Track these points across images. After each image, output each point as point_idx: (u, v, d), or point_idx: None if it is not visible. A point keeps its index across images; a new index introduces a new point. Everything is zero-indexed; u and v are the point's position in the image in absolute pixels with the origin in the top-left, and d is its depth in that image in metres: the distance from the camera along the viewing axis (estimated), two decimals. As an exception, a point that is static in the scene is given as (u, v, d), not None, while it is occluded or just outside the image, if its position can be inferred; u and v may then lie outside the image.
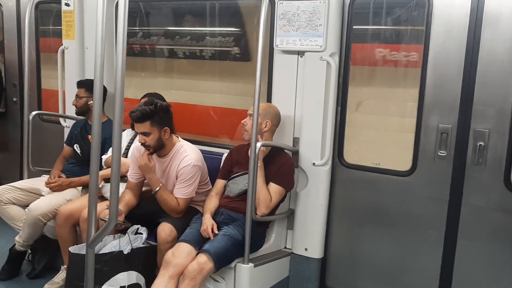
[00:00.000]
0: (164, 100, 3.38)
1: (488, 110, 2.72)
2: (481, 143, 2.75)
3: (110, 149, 3.16)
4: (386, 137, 3.14)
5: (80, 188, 3.56)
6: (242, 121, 3.07)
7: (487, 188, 2.78)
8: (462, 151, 2.81)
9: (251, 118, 2.88)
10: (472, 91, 2.74)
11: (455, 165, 2.84)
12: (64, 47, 4.09)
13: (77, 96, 3.72)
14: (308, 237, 3.22)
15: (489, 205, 2.78)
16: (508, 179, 2.72)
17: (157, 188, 2.97)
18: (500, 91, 2.68)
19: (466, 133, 2.79)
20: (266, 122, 3.04)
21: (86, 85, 3.71)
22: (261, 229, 3.08)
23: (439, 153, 2.87)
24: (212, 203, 3.06)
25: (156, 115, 2.91)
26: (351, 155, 3.18)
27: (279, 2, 3.09)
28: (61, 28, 4.09)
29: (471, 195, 2.82)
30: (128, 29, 2.06)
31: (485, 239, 2.82)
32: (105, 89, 3.48)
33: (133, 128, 3.56)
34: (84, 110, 3.74)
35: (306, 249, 3.24)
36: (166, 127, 2.97)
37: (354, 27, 3.04)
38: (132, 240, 2.91)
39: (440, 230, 2.93)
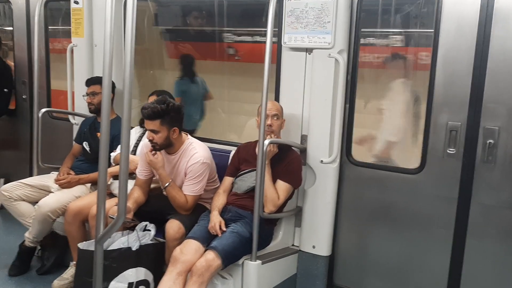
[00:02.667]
0: (173, 98, 3.39)
1: (498, 107, 2.70)
2: (490, 141, 2.73)
3: (119, 146, 3.18)
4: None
5: (89, 185, 3.58)
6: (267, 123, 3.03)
7: (496, 186, 2.76)
8: (471, 149, 2.79)
9: (274, 118, 2.97)
10: (482, 89, 2.71)
11: (464, 163, 2.82)
12: (73, 44, 4.11)
13: (92, 93, 3.69)
14: (316, 234, 3.22)
15: (499, 204, 2.76)
16: (518, 177, 2.70)
17: (166, 184, 2.98)
18: (510, 88, 2.66)
19: (476, 131, 2.76)
20: (283, 120, 3.08)
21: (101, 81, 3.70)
22: (268, 226, 3.08)
23: (448, 151, 2.85)
24: (219, 200, 3.06)
25: (167, 115, 2.91)
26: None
27: (287, -1, 3.09)
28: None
29: (481, 193, 2.80)
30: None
31: (495, 238, 2.80)
32: (113, 84, 3.49)
33: (141, 126, 3.58)
34: (100, 107, 3.74)
35: (314, 247, 3.23)
36: (175, 127, 2.97)
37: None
38: (140, 236, 2.92)
39: (449, 229, 2.91)
